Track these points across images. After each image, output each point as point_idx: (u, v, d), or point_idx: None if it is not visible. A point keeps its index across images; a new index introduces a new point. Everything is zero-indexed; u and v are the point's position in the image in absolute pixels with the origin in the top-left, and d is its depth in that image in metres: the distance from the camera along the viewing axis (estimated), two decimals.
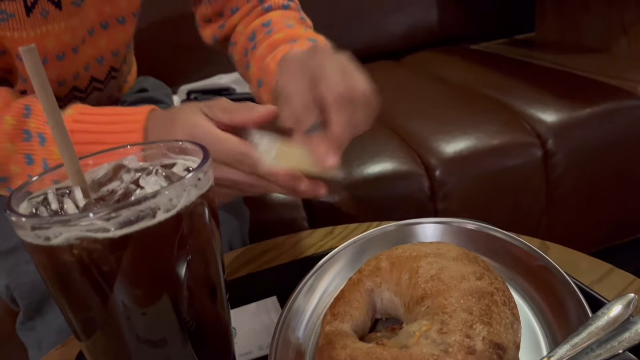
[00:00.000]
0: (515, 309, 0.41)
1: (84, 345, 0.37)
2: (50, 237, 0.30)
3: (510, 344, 0.38)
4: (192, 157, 0.37)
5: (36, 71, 0.32)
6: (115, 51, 0.75)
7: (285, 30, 0.68)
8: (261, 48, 0.68)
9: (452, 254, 0.45)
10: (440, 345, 0.37)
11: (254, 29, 0.72)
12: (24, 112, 0.56)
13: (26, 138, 0.56)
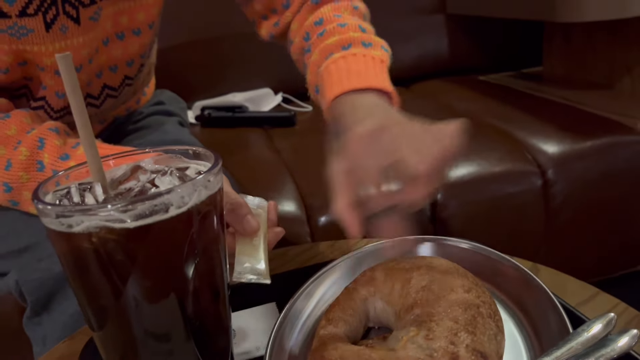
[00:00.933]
0: (500, 322, 0.43)
1: (95, 335, 0.40)
2: (73, 224, 0.33)
3: (493, 354, 0.40)
4: (204, 162, 0.40)
5: (69, 76, 0.35)
6: (130, 61, 0.78)
7: (337, 32, 0.68)
8: (315, 54, 0.68)
9: (443, 268, 0.47)
10: (426, 350, 0.39)
11: (307, 29, 0.72)
12: (37, 145, 0.61)
13: (40, 168, 0.60)
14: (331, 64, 0.63)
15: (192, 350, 0.39)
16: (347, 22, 0.69)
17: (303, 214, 0.99)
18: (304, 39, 0.72)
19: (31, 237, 0.68)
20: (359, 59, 0.63)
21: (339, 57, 0.64)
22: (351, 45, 0.65)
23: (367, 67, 0.63)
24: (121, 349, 0.39)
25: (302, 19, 0.74)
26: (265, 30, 0.80)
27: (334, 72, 0.62)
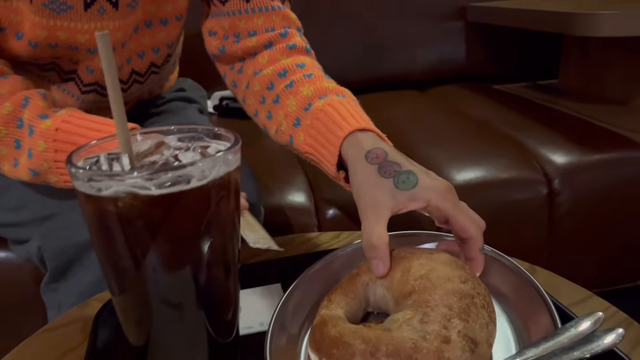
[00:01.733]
0: (493, 314, 0.46)
1: (114, 299, 0.43)
2: (102, 188, 0.36)
3: (483, 341, 0.42)
4: (224, 142, 0.43)
5: (106, 52, 0.38)
6: (157, 48, 0.81)
7: (327, 81, 0.69)
8: (306, 89, 0.67)
9: (442, 259, 0.49)
10: (420, 332, 0.41)
11: (285, 67, 0.71)
12: (22, 103, 0.63)
13: (19, 125, 0.63)
14: (327, 105, 0.63)
15: (201, 320, 0.42)
16: (313, 73, 0.70)
17: (312, 205, 1.02)
18: (279, 75, 0.71)
19: (54, 206, 0.71)
20: (345, 104, 0.63)
21: (336, 100, 0.64)
22: (345, 96, 0.66)
23: (357, 111, 0.63)
24: (137, 313, 0.42)
25: (275, 56, 0.74)
26: (216, 44, 0.79)
27: (332, 114, 0.61)
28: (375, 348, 0.41)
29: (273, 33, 0.74)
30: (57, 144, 0.60)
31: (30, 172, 0.63)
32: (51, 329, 0.58)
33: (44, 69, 0.73)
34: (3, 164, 0.66)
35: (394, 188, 0.52)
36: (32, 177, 0.63)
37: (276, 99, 0.69)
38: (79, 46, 0.70)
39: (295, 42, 0.74)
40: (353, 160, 0.57)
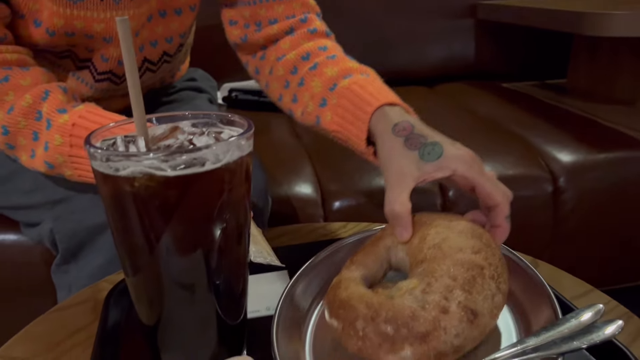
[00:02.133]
0: (503, 285, 0.46)
1: (128, 280, 0.44)
2: (119, 168, 0.37)
3: (485, 312, 0.43)
4: (237, 128, 0.44)
5: (125, 37, 0.39)
6: (170, 38, 0.82)
7: (351, 61, 0.71)
8: (331, 70, 0.69)
9: (460, 228, 0.50)
10: (420, 301, 0.43)
11: (308, 50, 0.73)
12: (42, 96, 0.64)
13: (37, 118, 0.64)
14: (358, 81, 0.65)
15: (212, 302, 0.43)
16: (336, 54, 0.72)
17: (319, 197, 1.03)
18: (302, 58, 0.73)
19: (66, 190, 0.73)
20: (371, 82, 0.65)
21: (362, 79, 0.65)
22: (369, 75, 0.68)
23: (382, 87, 0.65)
24: (149, 293, 0.43)
25: (297, 41, 0.76)
26: (238, 33, 0.80)
27: (359, 91, 0.63)
28: (376, 313, 0.43)
29: (294, 19, 0.76)
30: (72, 138, 0.61)
31: (45, 164, 0.64)
32: (62, 308, 0.60)
33: (59, 56, 0.74)
34: (21, 154, 0.67)
35: (419, 159, 0.54)
36: (48, 169, 0.64)
37: (301, 82, 0.72)
38: (95, 35, 0.71)
39: (316, 26, 0.77)
40: (381, 133, 0.59)
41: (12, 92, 0.64)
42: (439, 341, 0.42)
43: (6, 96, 0.64)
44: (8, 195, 0.79)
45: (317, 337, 0.50)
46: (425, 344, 0.42)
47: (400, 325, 0.42)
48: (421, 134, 0.56)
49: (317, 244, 0.60)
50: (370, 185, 1.04)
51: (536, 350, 0.44)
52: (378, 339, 0.43)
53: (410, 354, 0.42)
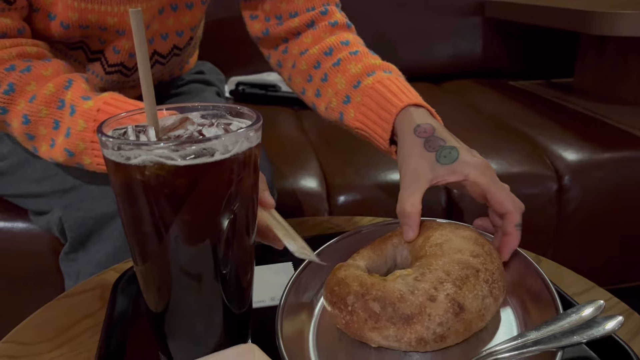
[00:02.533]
0: (496, 290, 0.48)
1: (137, 269, 0.45)
2: (131, 157, 0.38)
3: (473, 310, 0.45)
4: (245, 120, 0.45)
5: (138, 29, 0.40)
6: (180, 31, 0.83)
7: (373, 57, 0.72)
8: (354, 67, 0.70)
9: (464, 234, 0.52)
10: (410, 287, 0.45)
11: (331, 45, 0.74)
12: (65, 84, 0.64)
13: (60, 106, 0.64)
14: (376, 83, 0.66)
15: (218, 291, 0.44)
16: (359, 50, 0.73)
17: (324, 191, 1.04)
18: (324, 53, 0.75)
19: (75, 179, 0.74)
20: (394, 81, 0.67)
21: (385, 77, 0.67)
22: (392, 73, 0.69)
23: (406, 87, 0.67)
24: (158, 281, 0.44)
25: (319, 35, 0.77)
26: (259, 27, 0.82)
27: (382, 91, 0.65)
28: (366, 291, 0.46)
29: (314, 12, 0.77)
30: (96, 124, 0.61)
31: (65, 152, 0.64)
32: (71, 294, 0.61)
33: (71, 47, 0.75)
34: (41, 144, 0.66)
35: (435, 161, 0.56)
36: (67, 157, 0.64)
37: (324, 77, 0.73)
38: (108, 27, 0.72)
39: (337, 19, 0.78)
40: (402, 133, 0.61)
41: (34, 82, 0.64)
42: (422, 326, 0.44)
43: (28, 86, 0.64)
44: (17, 184, 0.80)
45: (320, 328, 0.51)
46: (408, 326, 0.44)
47: (387, 304, 0.44)
48: (441, 137, 0.58)
49: (322, 237, 0.61)
50: (375, 181, 1.05)
51: (537, 343, 0.44)
52: (364, 315, 0.45)
53: (392, 334, 0.44)
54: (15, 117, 0.65)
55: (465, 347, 0.47)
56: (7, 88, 0.64)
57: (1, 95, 0.64)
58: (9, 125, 0.67)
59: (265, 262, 0.62)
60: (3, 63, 0.64)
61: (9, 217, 0.90)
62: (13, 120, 0.65)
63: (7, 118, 0.66)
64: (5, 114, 0.65)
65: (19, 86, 0.64)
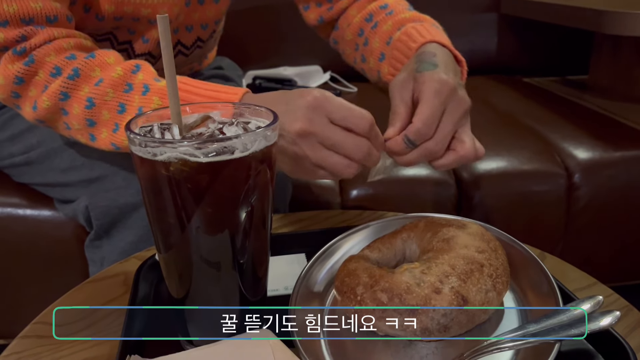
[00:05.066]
0: (500, 285, 0.50)
1: (160, 257, 0.48)
2: (157, 154, 0.41)
3: (476, 303, 0.48)
4: (263, 119, 0.48)
5: (165, 33, 0.43)
6: (205, 24, 0.86)
7: (407, 12, 0.78)
8: (387, 25, 0.76)
9: (472, 230, 0.54)
10: (417, 279, 0.47)
11: (371, 11, 0.81)
12: (133, 69, 0.65)
13: (126, 90, 0.63)
14: (408, 30, 0.72)
15: (235, 280, 0.47)
16: (394, 9, 0.79)
17: (336, 185, 1.06)
18: (365, 20, 0.81)
19: (102, 170, 0.77)
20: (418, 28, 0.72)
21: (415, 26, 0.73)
22: (424, 22, 0.75)
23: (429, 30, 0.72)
24: (179, 269, 0.47)
25: (362, 6, 0.83)
26: (314, 15, 0.88)
27: (406, 40, 0.71)
28: (375, 282, 0.48)
29: None
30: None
31: None
32: (95, 280, 0.64)
33: (99, 39, 0.77)
34: (101, 131, 0.66)
35: (414, 71, 0.62)
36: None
37: (365, 42, 0.80)
38: (141, 18, 0.75)
39: None
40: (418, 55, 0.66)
41: (98, 68, 0.65)
42: (427, 317, 0.46)
43: (93, 72, 0.65)
44: (45, 173, 0.84)
45: (331, 317, 0.53)
46: (413, 316, 0.46)
47: (395, 295, 0.47)
48: (432, 52, 0.64)
49: (334, 230, 0.63)
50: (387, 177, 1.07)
51: (536, 335, 0.46)
52: (372, 305, 0.48)
53: (398, 323, 0.47)
54: (77, 103, 0.65)
55: (468, 337, 0.49)
56: (71, 73, 0.64)
57: (65, 80, 0.64)
58: (67, 113, 0.66)
59: (280, 253, 0.65)
60: (63, 52, 0.65)
61: (35, 205, 0.93)
62: (74, 107, 0.65)
63: (67, 105, 0.65)
64: (66, 99, 0.65)
65: (84, 71, 0.64)
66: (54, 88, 0.64)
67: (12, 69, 0.65)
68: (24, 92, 0.67)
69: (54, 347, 0.52)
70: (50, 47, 0.64)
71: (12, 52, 0.64)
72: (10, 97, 0.68)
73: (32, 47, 0.64)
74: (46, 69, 0.65)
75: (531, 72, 1.84)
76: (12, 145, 0.85)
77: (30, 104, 0.67)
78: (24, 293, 1.00)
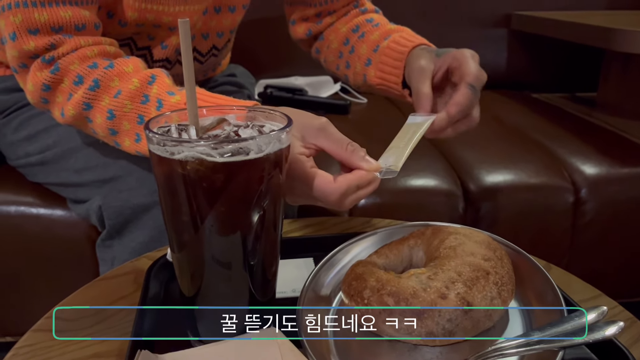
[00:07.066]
0: (505, 293, 0.51)
1: (174, 256, 0.49)
2: (175, 152, 0.42)
3: (481, 309, 0.48)
4: (277, 123, 0.49)
5: (185, 37, 0.44)
6: (221, 33, 0.88)
7: (392, 25, 0.86)
8: (374, 35, 0.84)
9: (477, 239, 0.55)
10: (423, 284, 0.48)
11: (358, 23, 0.88)
12: (149, 80, 0.66)
13: (144, 101, 0.66)
14: (396, 38, 0.80)
15: (246, 279, 0.48)
16: (380, 22, 0.87)
17: None
18: (352, 31, 0.88)
19: (115, 171, 0.78)
20: (405, 36, 0.81)
21: (400, 35, 0.81)
22: (391, 35, 0.82)
23: (414, 36, 0.82)
24: (192, 268, 0.48)
25: (349, 20, 0.90)
26: (303, 29, 0.94)
27: (394, 47, 0.79)
28: (382, 286, 0.49)
29: (348, 7, 0.92)
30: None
31: None
32: (107, 278, 0.65)
33: (119, 44, 0.80)
34: (123, 139, 0.68)
35: (435, 57, 0.73)
36: None
37: (352, 50, 0.87)
38: (162, 25, 0.77)
39: (367, 6, 0.92)
40: (411, 55, 0.76)
41: (117, 78, 0.67)
42: (432, 321, 0.47)
43: (112, 82, 0.66)
44: (59, 173, 0.85)
45: (338, 319, 0.54)
46: (419, 321, 0.47)
47: (401, 299, 0.48)
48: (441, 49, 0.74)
49: (342, 236, 0.64)
50: (394, 186, 1.08)
51: (540, 343, 0.47)
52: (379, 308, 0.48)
53: (404, 327, 0.47)
54: (100, 113, 0.67)
55: (473, 343, 0.49)
56: (92, 84, 0.66)
57: (86, 91, 0.66)
58: (91, 121, 0.69)
59: (289, 256, 0.66)
60: (86, 60, 0.67)
61: (49, 204, 0.95)
62: (97, 117, 0.67)
63: (91, 114, 0.68)
64: (89, 109, 0.67)
65: (104, 82, 0.66)
66: (77, 98, 0.67)
67: (40, 76, 0.67)
68: (52, 98, 0.70)
69: (65, 341, 0.53)
70: (74, 56, 0.67)
71: (41, 60, 0.67)
72: (40, 102, 0.71)
73: (59, 55, 0.67)
74: (70, 77, 0.67)
75: (540, 88, 1.85)
76: (28, 145, 0.87)
77: (58, 110, 0.70)
78: (35, 291, 1.02)
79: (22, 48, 0.66)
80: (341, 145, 0.56)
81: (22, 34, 0.65)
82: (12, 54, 0.68)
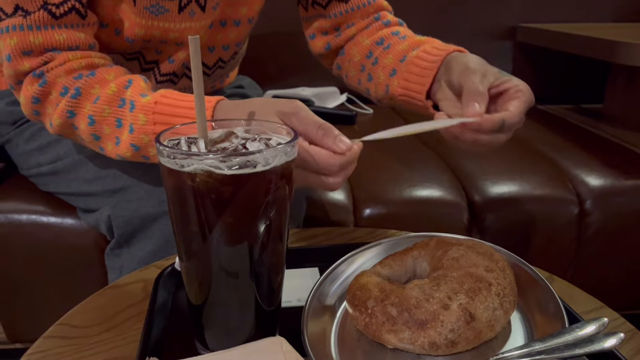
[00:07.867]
0: (507, 304, 0.51)
1: (182, 265, 0.50)
2: (184, 165, 0.43)
3: (483, 320, 0.49)
4: (284, 136, 0.50)
5: (195, 54, 0.45)
6: (227, 46, 0.89)
7: (421, 37, 0.83)
8: (402, 46, 0.81)
9: (481, 250, 0.56)
10: (426, 295, 0.49)
11: (382, 36, 0.85)
12: (125, 84, 0.68)
13: (120, 105, 0.67)
14: (426, 48, 0.78)
15: (252, 288, 0.49)
16: (407, 35, 0.84)
17: (350, 204, 1.08)
18: (376, 43, 0.84)
19: (124, 181, 0.80)
20: (437, 46, 0.78)
21: (430, 45, 0.78)
22: (420, 46, 0.79)
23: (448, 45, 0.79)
24: (199, 277, 0.49)
25: (372, 33, 0.87)
26: (321, 43, 0.92)
27: (424, 56, 0.76)
28: (385, 296, 0.50)
29: (369, 19, 0.88)
30: (156, 116, 0.64)
31: (132, 147, 0.67)
32: (116, 286, 0.66)
33: (128, 58, 0.81)
34: (106, 143, 0.70)
35: (498, 72, 0.71)
36: (134, 152, 0.68)
37: (375, 61, 0.84)
38: (169, 41, 0.78)
39: (389, 19, 0.89)
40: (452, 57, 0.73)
41: (97, 85, 0.69)
42: (435, 331, 0.48)
43: (92, 89, 0.68)
44: (70, 183, 0.87)
45: (341, 328, 0.55)
46: (422, 331, 0.48)
47: (404, 309, 0.49)
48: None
49: (347, 246, 0.65)
50: (400, 196, 1.09)
51: (541, 353, 0.48)
52: (382, 318, 0.49)
53: (407, 337, 0.49)
54: (82, 119, 0.69)
55: (475, 353, 0.50)
56: (74, 92, 0.68)
57: (69, 99, 0.69)
58: (77, 128, 0.71)
59: (294, 266, 0.67)
60: (72, 72, 0.69)
61: (59, 213, 0.96)
62: (80, 123, 0.69)
63: (75, 121, 0.70)
64: (74, 117, 0.69)
65: (85, 89, 0.68)
66: (62, 107, 0.69)
67: (31, 89, 0.70)
68: (42, 109, 0.72)
69: (75, 348, 0.54)
70: (61, 69, 0.69)
71: (32, 75, 0.70)
72: (32, 114, 0.73)
73: (48, 69, 0.69)
74: (57, 89, 0.69)
75: (545, 100, 1.85)
76: (40, 155, 0.89)
77: (48, 121, 0.73)
78: (45, 298, 1.03)
79: (17, 68, 0.69)
80: (312, 128, 0.55)
81: (17, 56, 0.68)
82: (8, 73, 0.71)
